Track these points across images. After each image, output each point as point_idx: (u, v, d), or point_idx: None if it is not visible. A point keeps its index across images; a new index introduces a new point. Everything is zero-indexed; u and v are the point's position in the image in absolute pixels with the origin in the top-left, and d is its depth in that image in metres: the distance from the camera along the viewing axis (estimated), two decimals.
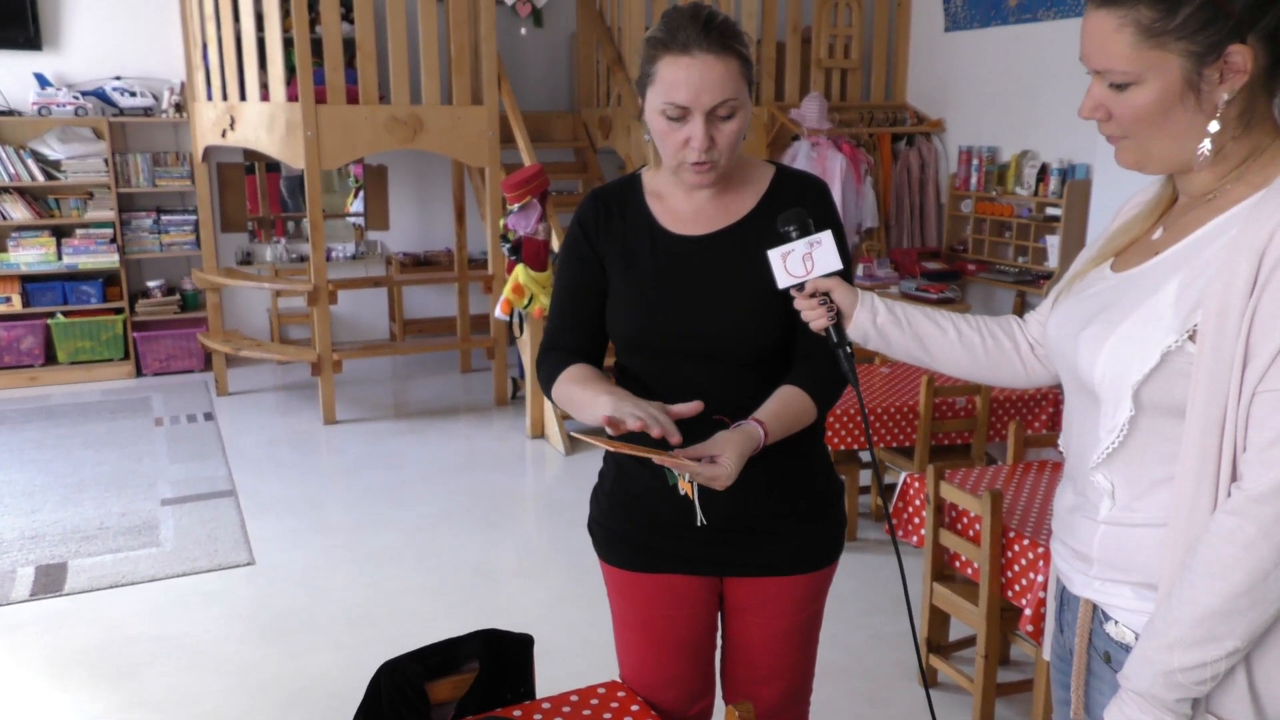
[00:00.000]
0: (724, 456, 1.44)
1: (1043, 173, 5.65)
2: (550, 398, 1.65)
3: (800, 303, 1.45)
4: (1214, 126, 1.13)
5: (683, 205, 1.65)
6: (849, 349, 1.45)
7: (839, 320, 1.44)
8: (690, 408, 1.45)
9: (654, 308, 1.62)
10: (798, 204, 1.58)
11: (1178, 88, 1.12)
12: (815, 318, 1.44)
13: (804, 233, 1.44)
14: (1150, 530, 1.19)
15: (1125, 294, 1.22)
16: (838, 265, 1.43)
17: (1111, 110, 1.17)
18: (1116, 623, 1.25)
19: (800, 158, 5.92)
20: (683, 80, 1.49)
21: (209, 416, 5.68)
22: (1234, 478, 1.11)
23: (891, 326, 1.45)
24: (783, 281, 1.45)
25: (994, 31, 6.00)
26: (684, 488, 1.54)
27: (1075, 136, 5.42)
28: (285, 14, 5.32)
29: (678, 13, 1.53)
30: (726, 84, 1.50)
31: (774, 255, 1.45)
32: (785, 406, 1.56)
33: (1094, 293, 1.28)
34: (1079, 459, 1.29)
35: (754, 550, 1.69)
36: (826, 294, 1.44)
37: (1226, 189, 1.17)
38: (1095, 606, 1.29)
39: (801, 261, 1.43)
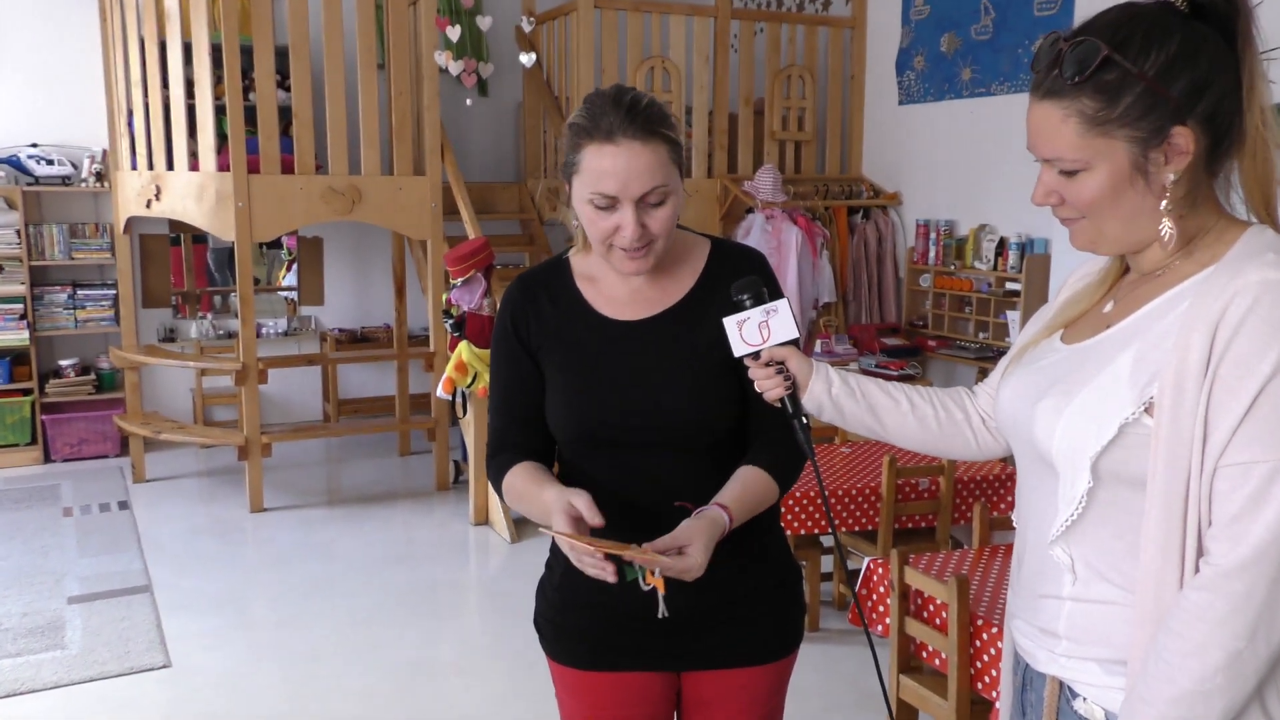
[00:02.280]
0: (692, 547, 1.46)
1: (1001, 247, 5.84)
2: (505, 501, 1.67)
3: (755, 371, 1.49)
4: (1164, 205, 1.22)
5: (618, 288, 1.67)
6: (805, 420, 1.49)
7: (794, 390, 1.48)
8: (597, 521, 1.46)
9: (598, 398, 1.63)
10: (737, 278, 1.63)
11: (1126, 172, 1.21)
12: (771, 387, 1.48)
13: (758, 301, 1.48)
14: (1116, 607, 1.24)
15: (1079, 366, 1.28)
16: (795, 334, 1.47)
17: (1064, 195, 1.25)
18: (1085, 700, 1.28)
19: (755, 230, 6.05)
20: (609, 169, 1.50)
21: (124, 505, 5.54)
22: (1199, 551, 1.16)
23: (846, 397, 1.49)
24: (738, 350, 1.48)
25: (948, 105, 6.24)
26: (651, 581, 1.55)
27: (1033, 210, 5.62)
28: (217, 80, 5.37)
29: (600, 97, 1.55)
30: (655, 171, 1.51)
31: (729, 323, 1.48)
32: (746, 489, 1.58)
33: (1046, 364, 1.34)
34: (1036, 533, 1.33)
35: (715, 641, 1.69)
36: (782, 363, 1.48)
37: (1175, 265, 1.25)
38: (1062, 684, 1.32)
39: (758, 329, 1.47)
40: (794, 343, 1.49)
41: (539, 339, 1.68)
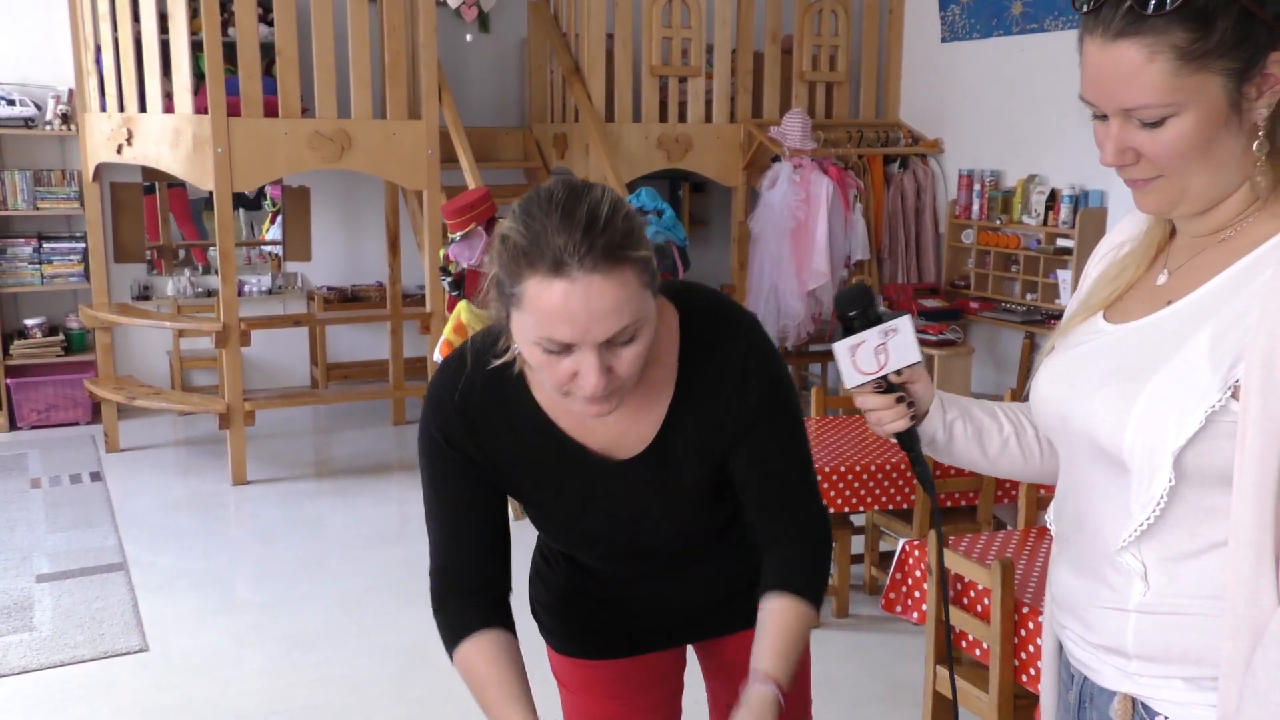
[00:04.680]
0: None
1: (1052, 200, 5.78)
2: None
3: (870, 401, 1.39)
4: (1257, 146, 1.15)
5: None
6: (924, 455, 1.42)
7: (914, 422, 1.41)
8: None
9: (580, 532, 1.63)
10: (713, 351, 1.46)
11: (1222, 111, 1.14)
12: (891, 419, 1.39)
13: (868, 320, 1.37)
14: (1199, 618, 1.18)
15: (1139, 348, 1.22)
16: (917, 357, 1.38)
17: (1143, 151, 1.18)
18: (1167, 719, 1.23)
19: (781, 181, 6.01)
20: (560, 311, 1.24)
21: (96, 477, 5.58)
22: None
23: (958, 423, 1.43)
24: (852, 380, 1.39)
25: (996, 42, 6.16)
26: None
27: (1088, 160, 5.55)
28: (194, 14, 5.33)
29: (544, 204, 1.27)
30: (623, 308, 1.26)
31: (841, 349, 1.38)
32: (787, 637, 1.45)
33: (1093, 349, 1.28)
34: (1095, 538, 1.27)
35: (731, 609, 1.72)
36: (901, 389, 1.39)
37: (1244, 225, 1.19)
38: (1136, 701, 1.27)
39: (874, 355, 1.37)
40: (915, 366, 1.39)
41: (492, 467, 1.52)
